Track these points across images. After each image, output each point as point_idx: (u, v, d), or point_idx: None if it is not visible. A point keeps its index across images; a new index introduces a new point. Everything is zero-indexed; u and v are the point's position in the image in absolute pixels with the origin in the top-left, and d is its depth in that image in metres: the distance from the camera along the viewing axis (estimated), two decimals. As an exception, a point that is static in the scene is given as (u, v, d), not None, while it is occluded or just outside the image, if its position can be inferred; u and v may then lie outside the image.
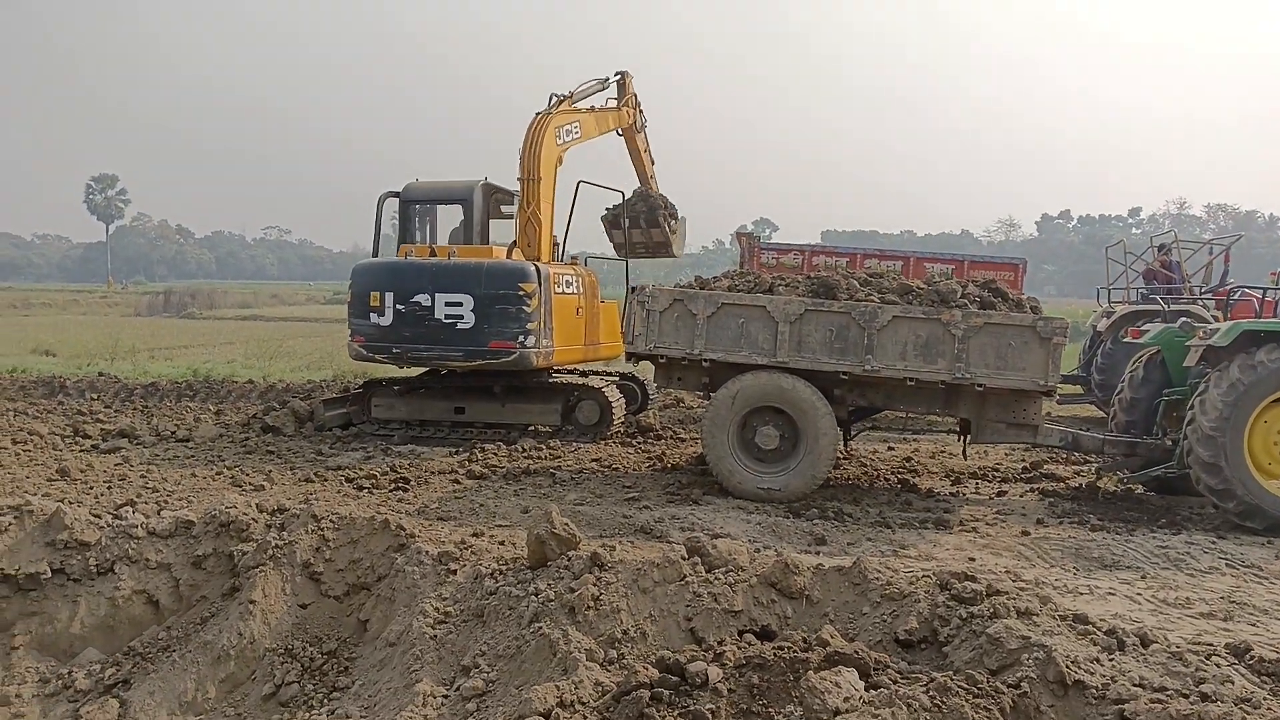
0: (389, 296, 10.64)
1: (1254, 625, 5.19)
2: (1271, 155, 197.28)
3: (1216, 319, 10.67)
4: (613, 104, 12.33)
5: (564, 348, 10.98)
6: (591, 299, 11.56)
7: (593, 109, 12.02)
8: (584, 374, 12.05)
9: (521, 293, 10.25)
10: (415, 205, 11.75)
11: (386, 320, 10.67)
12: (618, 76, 12.30)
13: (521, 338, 10.25)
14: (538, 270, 10.44)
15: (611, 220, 13.27)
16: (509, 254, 10.94)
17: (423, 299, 10.48)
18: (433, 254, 10.99)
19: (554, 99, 11.55)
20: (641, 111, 12.71)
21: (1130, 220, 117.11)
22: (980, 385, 7.70)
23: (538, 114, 11.30)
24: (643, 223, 13.05)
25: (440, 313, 10.41)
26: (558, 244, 11.74)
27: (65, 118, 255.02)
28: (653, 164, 13.20)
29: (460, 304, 10.36)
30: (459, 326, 10.37)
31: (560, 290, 10.81)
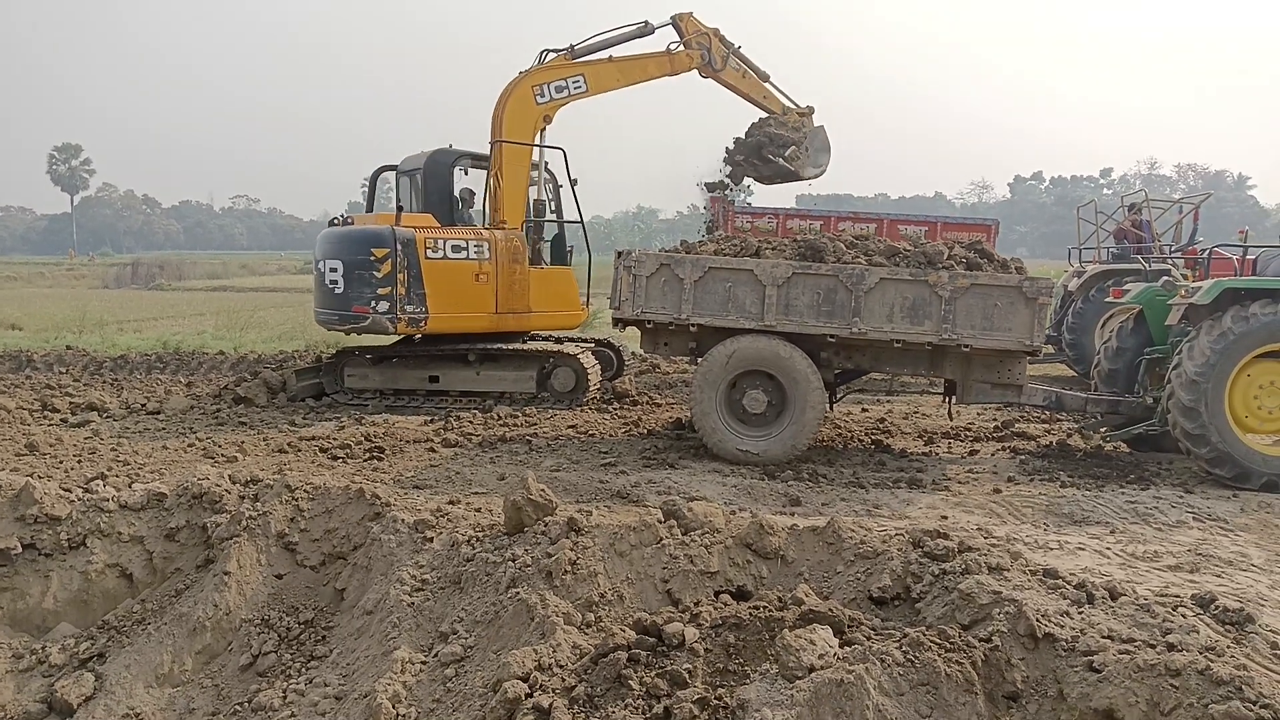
0: (319, 265, 11.02)
1: (1219, 577, 5.30)
2: (1240, 116, 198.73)
3: (1186, 277, 10.78)
4: (667, 49, 11.59)
5: (450, 314, 10.73)
6: (510, 264, 11.04)
7: (611, 59, 11.41)
8: (559, 341, 12.01)
9: (373, 258, 10.34)
10: (400, 177, 11.89)
11: (314, 287, 11.19)
12: (672, 20, 11.57)
13: (374, 303, 10.36)
14: (394, 235, 10.35)
15: (742, 153, 12.56)
16: (397, 220, 10.65)
17: (321, 265, 10.89)
18: (340, 221, 11.33)
19: (545, 54, 11.31)
20: (722, 41, 11.70)
21: (1102, 180, 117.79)
22: (966, 346, 7.76)
23: (520, 73, 11.15)
24: (767, 154, 12.32)
25: (327, 279, 10.75)
26: (547, 207, 11.56)
27: (23, 87, 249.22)
28: (764, 82, 12.21)
29: (336, 269, 10.64)
30: (335, 291, 10.68)
31: (437, 255, 10.58)
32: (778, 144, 12.25)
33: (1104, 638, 3.34)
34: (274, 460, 8.01)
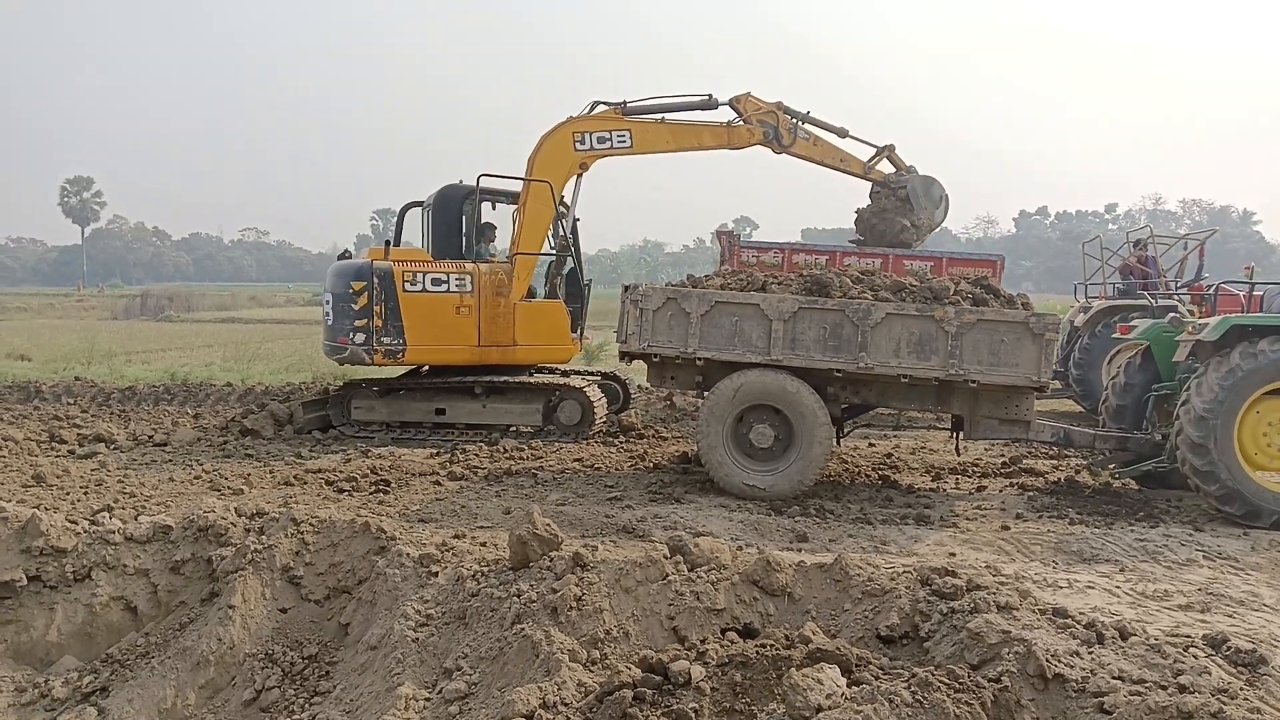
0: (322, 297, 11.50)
1: (1231, 616, 5.25)
2: (1245, 151, 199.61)
3: (1192, 313, 10.77)
4: (726, 122, 11.66)
5: (428, 347, 10.91)
6: (493, 297, 11.07)
7: (664, 121, 11.47)
8: (565, 374, 12.01)
9: (351, 291, 10.65)
10: (423, 211, 12.14)
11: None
12: (731, 101, 11.59)
13: (352, 334, 10.66)
14: (371, 268, 10.62)
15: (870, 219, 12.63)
16: (385, 254, 10.92)
17: (323, 297, 11.39)
18: (347, 255, 11.78)
19: (595, 104, 11.47)
20: (787, 112, 11.65)
21: (1107, 216, 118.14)
22: (974, 382, 7.75)
23: (570, 117, 11.36)
24: (890, 217, 12.37)
25: (324, 309, 11.25)
26: (567, 241, 11.63)
27: (36, 120, 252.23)
28: (842, 139, 12.04)
29: (329, 302, 11.12)
30: (328, 323, 11.14)
31: (416, 288, 10.75)
32: (893, 228, 12.33)
33: (1114, 679, 3.31)
34: (280, 493, 8.01)
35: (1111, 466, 8.84)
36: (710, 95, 11.62)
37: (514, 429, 11.02)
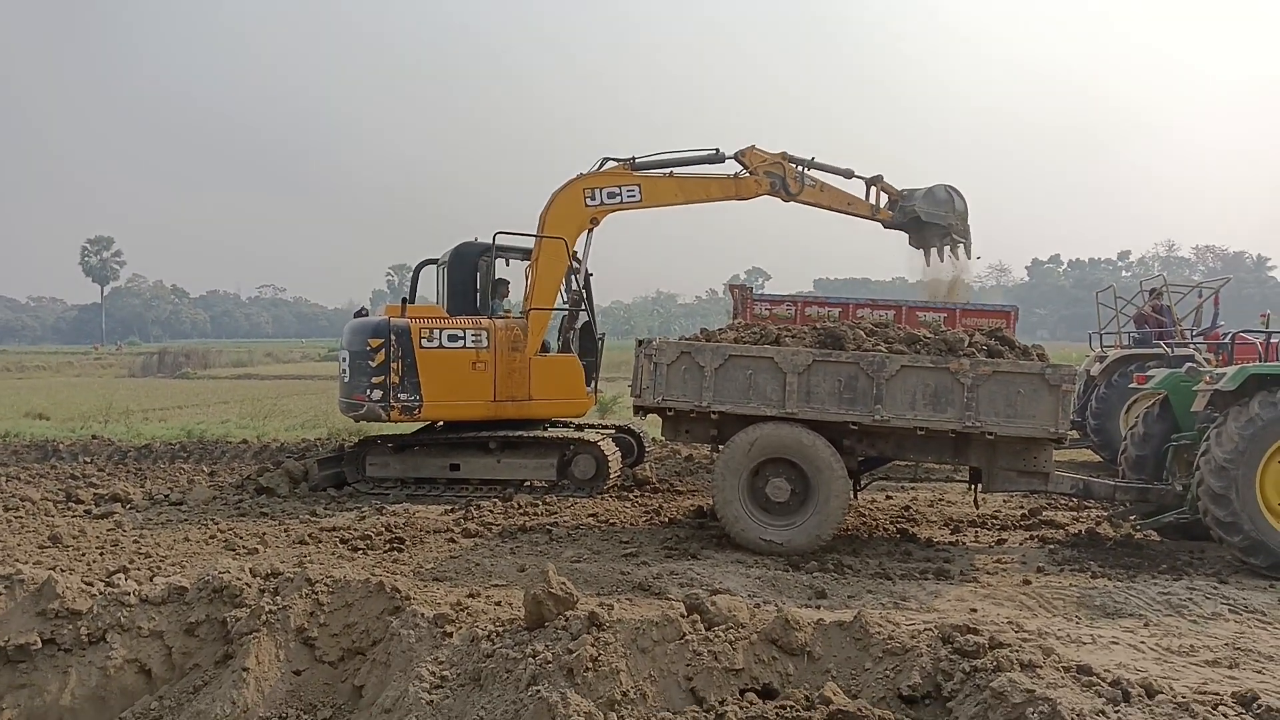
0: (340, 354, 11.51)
1: (1260, 673, 5.14)
2: (1258, 194, 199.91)
3: (1209, 362, 10.71)
4: (734, 175, 11.87)
5: (444, 403, 10.89)
6: (509, 353, 11.11)
7: (671, 175, 11.68)
8: (579, 428, 12.01)
9: (369, 348, 10.67)
10: (439, 269, 12.17)
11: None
12: (736, 154, 11.79)
13: (369, 391, 10.63)
14: (389, 325, 10.66)
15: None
16: (402, 311, 11.00)
17: (340, 354, 11.38)
18: (364, 312, 11.84)
19: (604, 161, 11.66)
20: (792, 160, 11.83)
21: (1120, 263, 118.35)
22: (990, 434, 7.70)
23: (581, 174, 11.53)
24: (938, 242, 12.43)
25: (341, 366, 11.28)
26: (580, 295, 11.68)
27: (57, 182, 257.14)
28: (845, 197, 12.18)
29: (345, 359, 11.13)
30: (344, 380, 11.14)
31: (433, 344, 10.78)
32: (940, 248, 12.42)
33: (1143, 740, 3.24)
34: (295, 552, 7.99)
35: (1133, 518, 8.73)
36: (717, 149, 11.80)
37: (528, 484, 10.99)
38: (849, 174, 12.17)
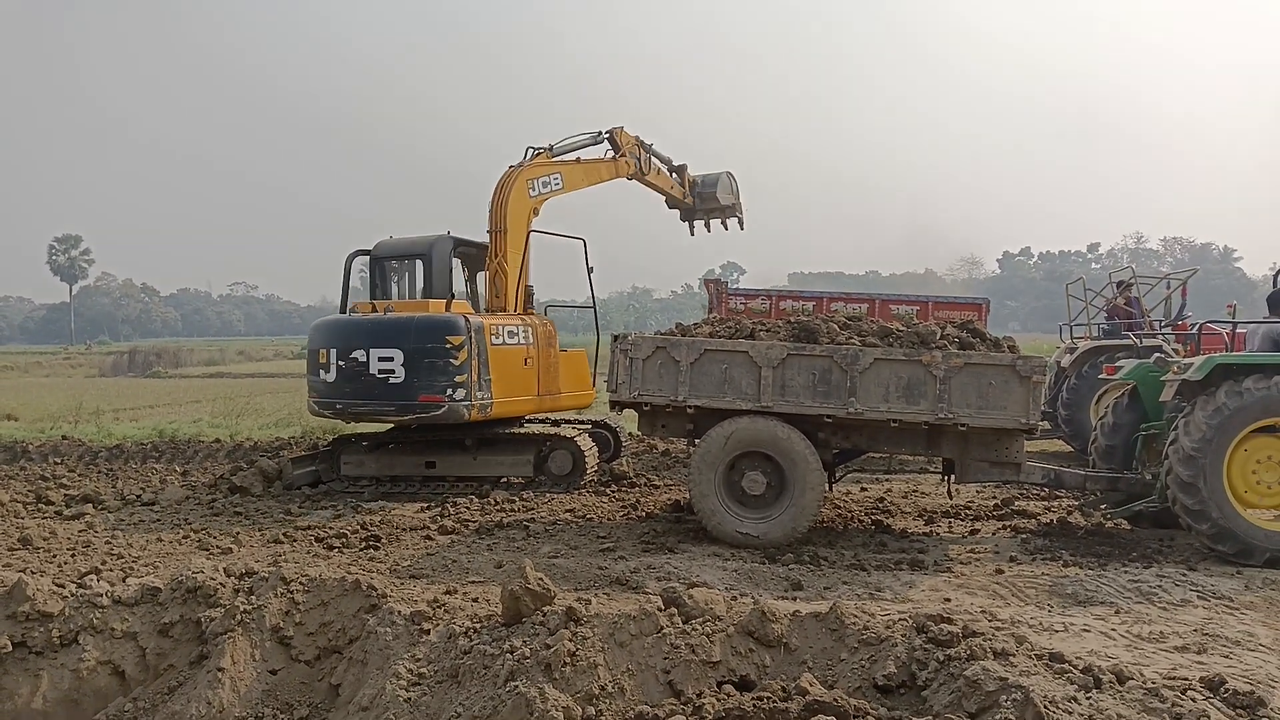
0: (333, 353, 10.64)
1: (1227, 658, 5.23)
2: (1226, 187, 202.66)
3: (1177, 352, 10.85)
4: (612, 156, 12.37)
5: (508, 399, 10.76)
6: (546, 349, 11.31)
7: (579, 160, 12.07)
8: (555, 423, 12.01)
9: (449, 345, 10.17)
10: (385, 262, 11.79)
11: (331, 376, 10.66)
12: (608, 133, 12.29)
13: (450, 390, 10.17)
14: (467, 322, 10.33)
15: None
16: (447, 307, 10.73)
17: (359, 354, 10.46)
18: (374, 310, 11.11)
19: (530, 152, 11.72)
20: (645, 148, 12.81)
21: (1089, 255, 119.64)
22: (963, 425, 7.78)
23: (510, 167, 11.45)
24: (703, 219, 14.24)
25: (374, 368, 10.37)
26: (532, 293, 11.76)
27: (24, 179, 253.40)
28: (675, 175, 13.69)
29: (391, 358, 10.29)
30: (391, 381, 10.29)
31: (499, 341, 10.64)
32: (705, 217, 14.30)
33: (1113, 725, 3.29)
34: (270, 551, 7.94)
35: (1103, 507, 8.84)
36: (599, 132, 12.37)
37: (505, 480, 10.97)
38: (668, 161, 13.53)
